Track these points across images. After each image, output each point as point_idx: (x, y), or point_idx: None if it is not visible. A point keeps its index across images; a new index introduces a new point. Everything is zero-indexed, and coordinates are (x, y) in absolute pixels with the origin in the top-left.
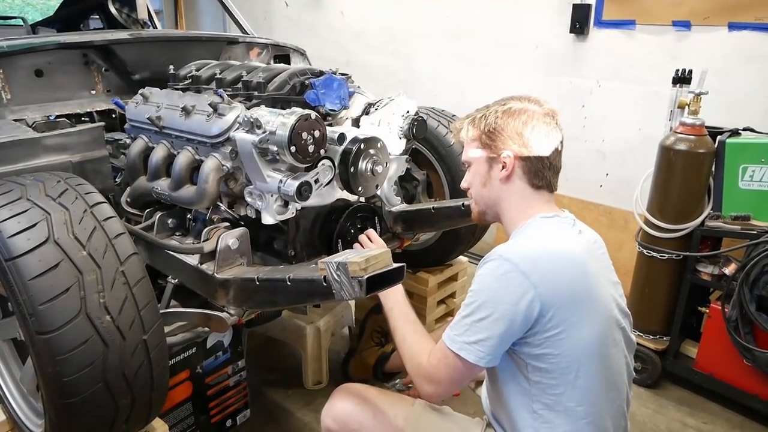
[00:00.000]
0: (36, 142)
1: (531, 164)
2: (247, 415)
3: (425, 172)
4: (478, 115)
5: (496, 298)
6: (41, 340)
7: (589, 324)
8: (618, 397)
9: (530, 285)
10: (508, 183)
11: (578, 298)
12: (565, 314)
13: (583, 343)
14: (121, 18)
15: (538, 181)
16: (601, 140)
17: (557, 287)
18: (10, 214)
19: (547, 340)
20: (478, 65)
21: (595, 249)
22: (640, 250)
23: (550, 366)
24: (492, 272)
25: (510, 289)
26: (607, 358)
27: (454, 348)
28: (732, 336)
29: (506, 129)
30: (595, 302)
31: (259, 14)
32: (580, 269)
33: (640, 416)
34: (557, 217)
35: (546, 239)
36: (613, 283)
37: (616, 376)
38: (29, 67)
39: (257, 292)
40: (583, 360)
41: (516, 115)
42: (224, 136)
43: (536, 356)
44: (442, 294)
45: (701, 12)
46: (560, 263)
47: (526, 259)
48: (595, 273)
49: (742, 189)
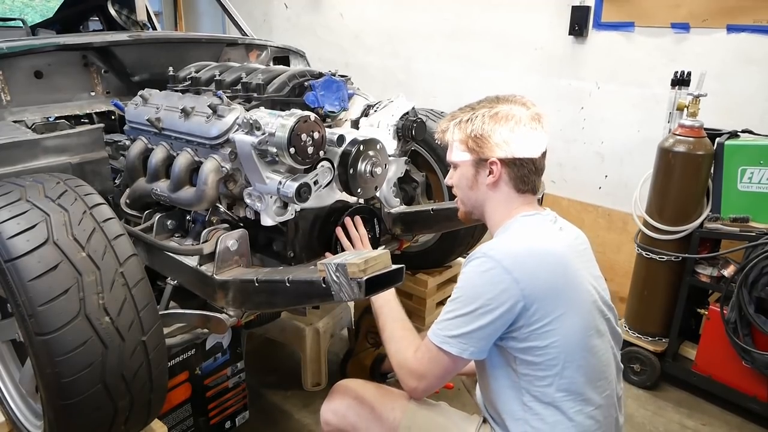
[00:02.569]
0: (35, 144)
1: (518, 170)
2: (246, 416)
3: (424, 173)
4: (464, 117)
5: (479, 293)
6: (40, 341)
7: (572, 316)
8: (607, 386)
9: (512, 280)
10: (495, 188)
11: (560, 292)
12: (548, 307)
13: (567, 335)
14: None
15: (524, 186)
16: (600, 142)
17: (539, 282)
18: (9, 216)
19: (533, 333)
20: (477, 67)
21: (577, 245)
22: (639, 251)
23: (537, 358)
24: (475, 269)
25: (493, 284)
26: (592, 348)
27: (437, 341)
28: (731, 338)
29: (493, 135)
30: (577, 294)
31: (259, 16)
32: (560, 263)
33: (639, 418)
34: (538, 215)
35: (527, 236)
36: (595, 277)
37: (604, 367)
38: (29, 68)
39: (256, 293)
40: (568, 351)
41: (503, 120)
42: (223, 138)
43: (523, 349)
44: (441, 295)
45: (700, 14)
46: (541, 258)
47: (508, 256)
48: (576, 266)
49: (741, 191)
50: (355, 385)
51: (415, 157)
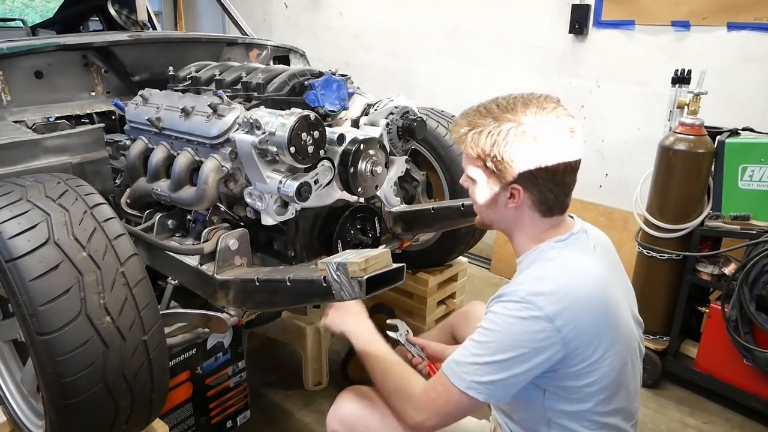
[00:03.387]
0: (36, 144)
1: (543, 196)
2: (248, 415)
3: (425, 172)
4: (485, 129)
5: (517, 342)
6: (41, 341)
7: (613, 354)
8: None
9: (554, 329)
10: (517, 211)
11: (603, 335)
12: (589, 351)
13: (605, 374)
14: (121, 19)
15: (551, 211)
16: (600, 140)
17: (582, 328)
18: (10, 216)
19: (570, 374)
20: (477, 66)
21: (610, 258)
22: (639, 250)
23: (570, 395)
24: (513, 313)
25: (533, 334)
26: (625, 381)
27: (462, 386)
28: (732, 336)
29: (519, 162)
30: (619, 333)
31: (258, 15)
32: (603, 304)
33: (640, 416)
34: (571, 236)
35: (566, 274)
36: (628, 296)
37: (633, 396)
38: (29, 68)
39: (257, 292)
40: (603, 387)
41: (530, 142)
42: (224, 137)
43: (557, 386)
44: (442, 294)
45: (700, 12)
46: (585, 302)
47: (551, 303)
48: (616, 298)
49: (742, 189)
50: (363, 392)
51: (416, 156)
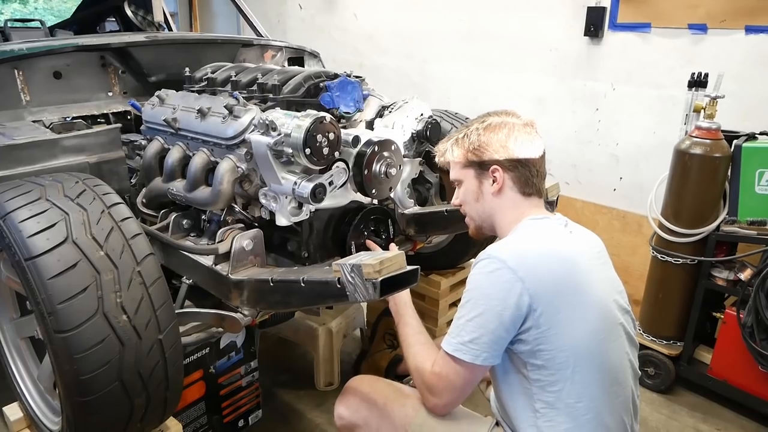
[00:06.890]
0: (54, 144)
1: (520, 174)
2: (259, 415)
3: (438, 174)
4: (460, 135)
5: (486, 295)
6: (59, 338)
7: (581, 319)
8: (621, 392)
9: (517, 279)
10: (500, 195)
11: (568, 294)
12: (556, 309)
13: (576, 338)
14: (137, 20)
15: (528, 189)
16: (615, 144)
17: (545, 282)
18: (29, 215)
19: (541, 335)
20: (492, 68)
21: (590, 248)
22: (654, 254)
23: (547, 362)
24: (481, 270)
25: (499, 285)
26: (605, 353)
27: (450, 350)
28: (747, 342)
29: (491, 143)
30: (587, 297)
31: (273, 17)
32: (568, 265)
33: (653, 422)
34: (547, 218)
35: (535, 238)
36: (610, 280)
37: (617, 372)
38: (48, 69)
39: (271, 293)
40: (579, 355)
41: (497, 129)
42: (239, 138)
43: (532, 353)
44: (455, 296)
45: (718, 15)
46: (548, 259)
47: (513, 256)
48: (586, 269)
49: (759, 194)
50: (369, 381)
51: (429, 158)
